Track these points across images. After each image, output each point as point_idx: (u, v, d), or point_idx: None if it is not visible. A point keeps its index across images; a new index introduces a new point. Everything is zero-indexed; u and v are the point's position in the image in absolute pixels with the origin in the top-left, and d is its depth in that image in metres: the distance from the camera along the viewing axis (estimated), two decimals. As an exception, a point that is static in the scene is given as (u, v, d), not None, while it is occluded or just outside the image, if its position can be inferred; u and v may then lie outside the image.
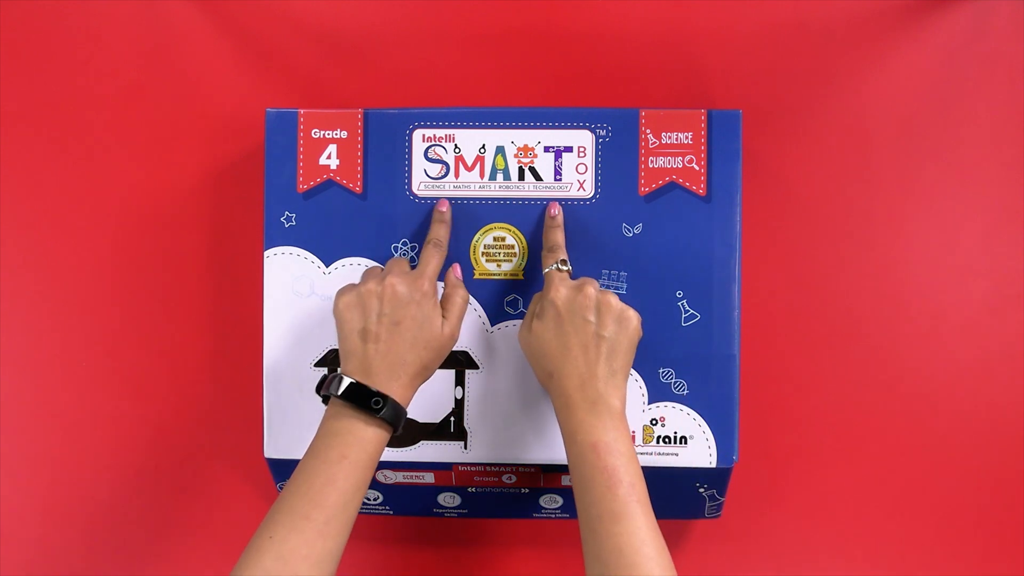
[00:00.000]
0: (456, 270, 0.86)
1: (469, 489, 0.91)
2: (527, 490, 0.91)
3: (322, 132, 0.89)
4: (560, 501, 0.92)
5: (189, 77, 0.99)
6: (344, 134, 0.89)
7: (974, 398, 0.97)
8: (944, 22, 0.96)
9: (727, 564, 0.98)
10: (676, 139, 0.88)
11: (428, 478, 0.90)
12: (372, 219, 0.88)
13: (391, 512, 0.95)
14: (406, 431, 0.88)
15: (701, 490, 0.90)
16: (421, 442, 0.88)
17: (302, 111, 0.89)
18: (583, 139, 0.88)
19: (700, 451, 0.87)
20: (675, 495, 0.89)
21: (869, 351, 0.97)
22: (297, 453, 0.87)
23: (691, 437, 0.87)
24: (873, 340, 0.97)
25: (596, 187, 0.88)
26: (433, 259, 0.82)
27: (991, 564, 0.97)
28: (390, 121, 0.89)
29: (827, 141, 0.97)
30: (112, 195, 0.99)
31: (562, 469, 0.89)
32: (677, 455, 0.87)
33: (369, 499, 0.93)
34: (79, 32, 0.99)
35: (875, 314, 0.97)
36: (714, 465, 0.87)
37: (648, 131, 0.88)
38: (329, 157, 0.88)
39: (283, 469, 0.89)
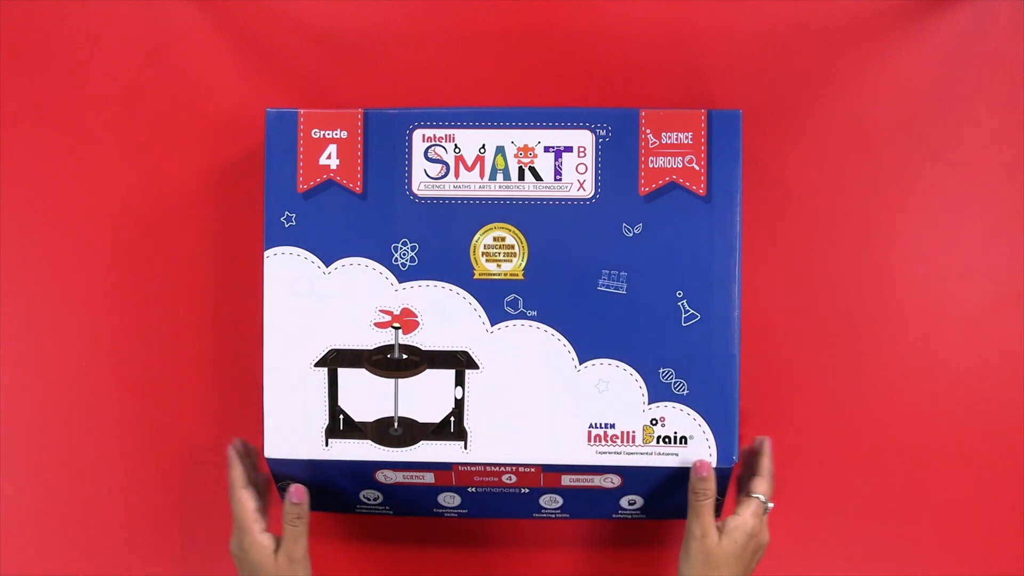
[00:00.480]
0: (293, 495, 0.86)
1: (469, 489, 0.91)
2: (527, 490, 0.90)
3: (322, 132, 0.88)
4: (560, 501, 0.91)
5: (189, 77, 0.99)
6: (344, 134, 0.88)
7: (974, 398, 0.96)
8: (944, 22, 0.96)
9: (727, 564, 0.97)
10: (676, 139, 0.87)
11: (428, 478, 0.90)
12: (372, 219, 0.87)
13: (391, 512, 0.94)
14: (406, 431, 0.87)
15: None
16: (421, 442, 0.87)
17: (302, 111, 0.88)
18: (583, 139, 0.87)
19: (700, 451, 0.86)
20: (675, 495, 0.88)
21: (869, 351, 0.96)
22: (297, 453, 0.87)
23: (691, 437, 0.86)
24: (873, 340, 0.96)
25: (596, 187, 0.87)
26: (239, 510, 0.87)
27: (991, 564, 0.96)
28: (390, 121, 0.88)
29: (827, 141, 0.97)
30: (112, 195, 0.99)
31: (562, 469, 0.88)
32: (677, 455, 0.86)
33: (369, 499, 0.92)
34: (79, 32, 0.99)
35: (875, 314, 0.96)
36: (714, 465, 0.86)
37: (648, 131, 0.87)
38: (329, 157, 0.88)
39: (283, 469, 0.88)
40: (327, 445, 0.87)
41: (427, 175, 0.87)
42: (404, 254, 0.87)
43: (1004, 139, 0.96)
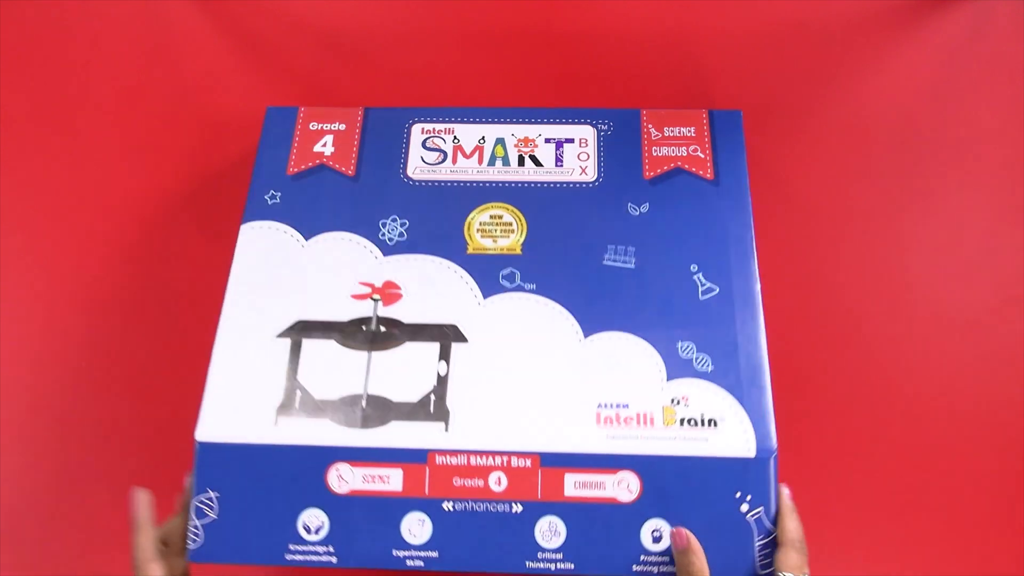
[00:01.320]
0: None
1: (444, 505, 0.69)
2: (520, 508, 0.69)
3: (320, 125, 0.83)
4: (563, 535, 0.69)
5: (189, 77, 0.95)
6: (342, 127, 0.83)
7: (976, 398, 0.90)
8: (944, 22, 0.93)
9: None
10: (679, 132, 0.82)
11: (395, 481, 0.69)
12: (361, 196, 0.78)
13: (334, 560, 0.69)
14: (376, 410, 0.70)
15: (744, 508, 0.70)
16: (393, 422, 0.70)
17: (303, 108, 0.84)
18: (584, 132, 0.82)
19: (734, 436, 0.70)
20: (712, 510, 0.70)
21: (869, 352, 0.91)
22: (235, 436, 0.70)
23: (721, 419, 0.70)
24: (873, 341, 0.91)
25: (599, 172, 0.79)
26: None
27: (992, 565, 0.90)
28: (390, 117, 0.83)
29: (827, 141, 0.92)
30: (112, 195, 0.94)
31: (566, 461, 0.69)
32: (707, 440, 0.69)
33: (309, 529, 0.69)
34: (79, 32, 0.96)
35: (875, 314, 0.91)
36: (752, 455, 0.69)
37: (650, 125, 0.82)
38: (324, 145, 0.81)
39: (213, 460, 0.70)
40: (276, 425, 0.70)
41: (424, 161, 0.81)
42: (392, 229, 0.77)
43: (1004, 139, 0.91)
